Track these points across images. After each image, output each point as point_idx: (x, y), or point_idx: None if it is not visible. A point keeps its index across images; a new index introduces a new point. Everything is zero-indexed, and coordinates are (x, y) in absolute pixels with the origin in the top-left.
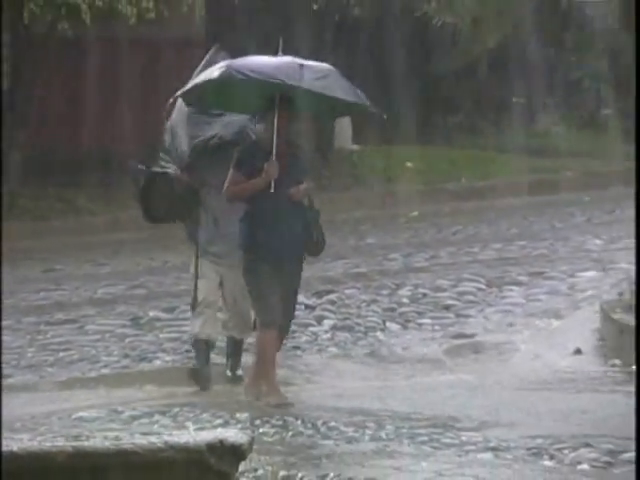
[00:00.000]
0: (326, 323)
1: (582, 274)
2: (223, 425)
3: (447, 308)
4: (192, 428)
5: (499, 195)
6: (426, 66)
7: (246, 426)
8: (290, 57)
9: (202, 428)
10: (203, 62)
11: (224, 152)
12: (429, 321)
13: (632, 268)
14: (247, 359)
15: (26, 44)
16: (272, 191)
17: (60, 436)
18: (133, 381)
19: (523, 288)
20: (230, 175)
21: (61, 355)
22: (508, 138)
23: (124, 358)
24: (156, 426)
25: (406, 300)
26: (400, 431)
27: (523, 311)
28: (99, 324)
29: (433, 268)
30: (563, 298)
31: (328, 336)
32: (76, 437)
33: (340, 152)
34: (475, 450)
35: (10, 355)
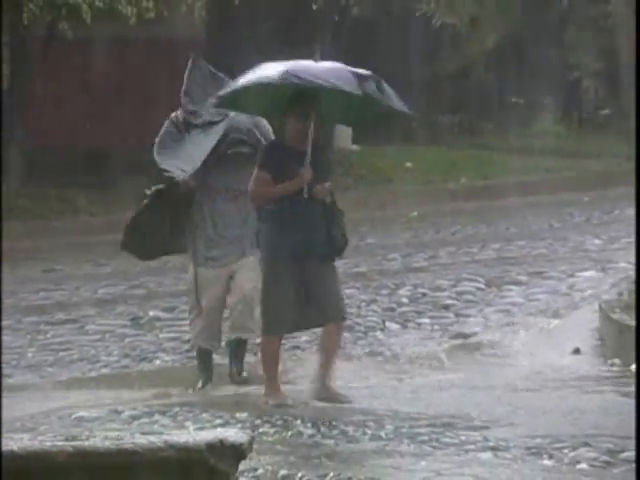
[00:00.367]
0: None
1: (581, 274)
2: (223, 425)
3: (446, 308)
4: (192, 428)
5: (498, 195)
6: (425, 66)
7: (246, 426)
8: (333, 62)
9: (202, 428)
10: (187, 75)
11: (230, 155)
12: (428, 321)
13: (631, 268)
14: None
15: (26, 45)
16: (306, 197)
17: (60, 436)
18: (133, 381)
19: (522, 288)
20: (255, 175)
21: (61, 355)
22: (507, 138)
23: (124, 358)
24: (156, 426)
25: (405, 300)
26: (400, 430)
27: (522, 311)
28: (99, 324)
29: (432, 268)
30: (562, 298)
31: None
32: (76, 437)
33: (340, 152)
34: (474, 449)
35: (10, 355)
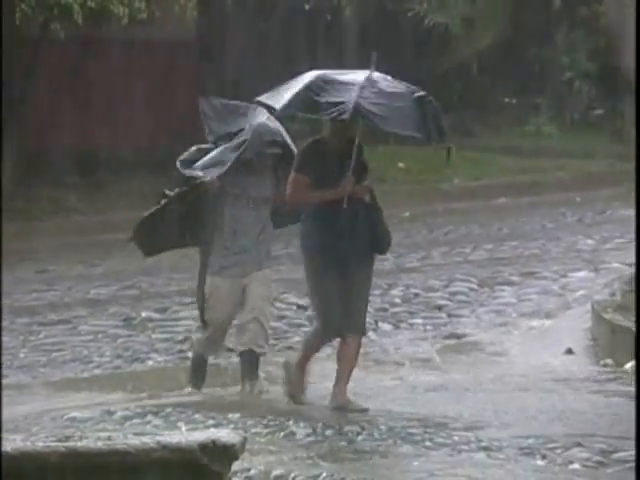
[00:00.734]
0: None
1: (574, 274)
2: (215, 425)
3: (439, 308)
4: (184, 428)
5: (491, 195)
6: (417, 66)
7: (238, 426)
8: (388, 78)
9: (194, 428)
10: (202, 116)
11: (255, 161)
12: (421, 321)
13: (624, 268)
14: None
15: (18, 45)
16: (345, 207)
17: (53, 436)
18: (125, 382)
19: (515, 288)
20: (293, 178)
21: (54, 356)
22: (499, 138)
23: (116, 358)
24: (149, 426)
25: (398, 300)
26: (393, 431)
27: (515, 311)
28: (92, 325)
29: (425, 268)
30: (555, 298)
31: None
32: (69, 437)
33: None
34: (467, 450)
35: (3, 356)
